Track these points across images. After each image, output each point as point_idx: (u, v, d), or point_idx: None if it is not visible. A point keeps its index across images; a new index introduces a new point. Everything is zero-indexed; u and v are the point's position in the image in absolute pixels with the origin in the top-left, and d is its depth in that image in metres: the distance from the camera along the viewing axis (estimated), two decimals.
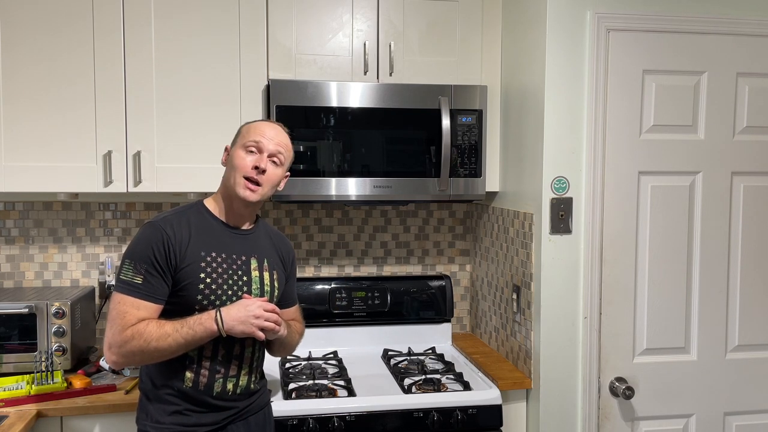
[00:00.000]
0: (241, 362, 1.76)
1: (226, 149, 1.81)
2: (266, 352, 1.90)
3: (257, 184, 1.72)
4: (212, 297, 1.69)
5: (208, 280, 1.69)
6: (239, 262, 1.75)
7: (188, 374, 1.69)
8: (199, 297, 1.68)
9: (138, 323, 1.61)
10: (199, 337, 1.63)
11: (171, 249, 1.65)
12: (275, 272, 1.84)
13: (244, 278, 1.75)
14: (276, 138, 1.76)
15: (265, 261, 1.81)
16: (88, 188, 2.25)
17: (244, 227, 1.81)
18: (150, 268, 1.63)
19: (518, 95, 2.37)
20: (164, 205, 2.64)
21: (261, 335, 1.67)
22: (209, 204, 1.79)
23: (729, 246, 2.27)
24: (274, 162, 1.75)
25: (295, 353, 2.44)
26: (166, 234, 1.66)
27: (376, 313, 2.68)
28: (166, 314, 1.67)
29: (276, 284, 1.83)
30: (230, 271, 1.73)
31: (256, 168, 1.71)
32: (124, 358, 1.63)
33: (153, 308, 1.65)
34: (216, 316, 1.63)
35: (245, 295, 1.73)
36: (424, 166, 2.40)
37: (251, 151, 1.73)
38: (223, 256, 1.73)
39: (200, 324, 1.62)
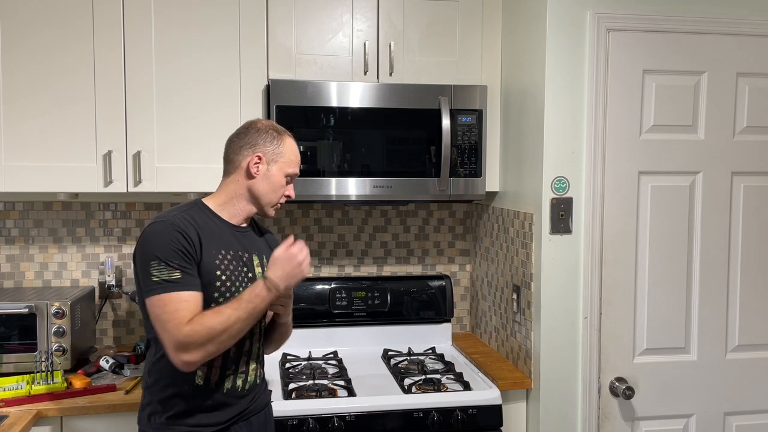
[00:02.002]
0: (249, 357, 1.77)
1: (260, 158, 1.74)
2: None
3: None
4: (228, 294, 1.69)
5: (224, 277, 1.69)
6: (244, 259, 1.76)
7: (200, 372, 1.68)
8: (216, 294, 1.67)
9: (193, 318, 1.57)
10: (260, 310, 1.64)
11: (190, 242, 1.64)
12: None
13: (249, 274, 1.76)
14: None
15: (264, 257, 1.82)
16: (88, 188, 2.26)
17: (242, 225, 1.81)
18: (181, 261, 1.61)
19: (518, 95, 2.37)
20: (164, 205, 2.64)
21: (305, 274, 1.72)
22: (209, 202, 1.78)
23: (729, 246, 2.27)
24: None
25: (295, 353, 2.47)
26: (181, 228, 1.64)
27: (376, 313, 2.68)
28: None
29: None
30: (240, 268, 1.74)
31: (287, 196, 1.82)
32: (198, 353, 1.58)
33: (199, 297, 1.62)
34: (267, 285, 1.64)
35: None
36: (424, 166, 2.40)
37: (289, 180, 1.81)
38: (232, 253, 1.73)
39: (257, 296, 1.63)
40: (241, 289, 1.71)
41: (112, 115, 2.25)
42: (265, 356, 1.91)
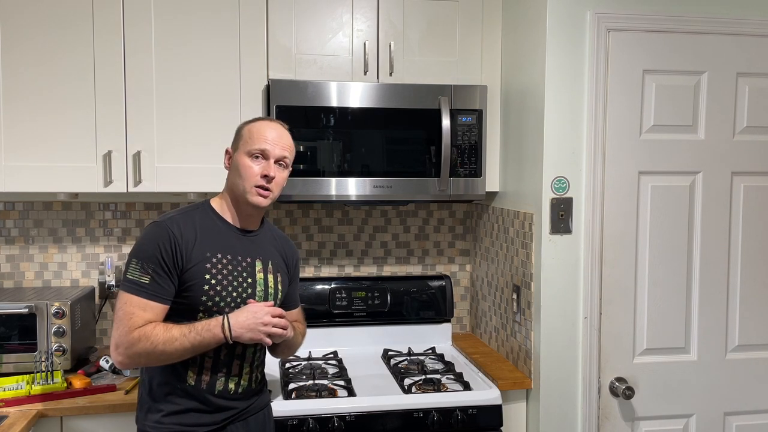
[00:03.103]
0: (243, 361, 1.76)
1: (227, 152, 1.79)
2: (269, 353, 1.90)
3: (267, 189, 1.73)
4: (217, 298, 1.69)
5: (213, 282, 1.68)
6: (244, 264, 1.75)
7: (191, 373, 1.69)
8: (204, 298, 1.67)
9: (145, 325, 1.60)
10: (206, 343, 1.63)
11: (177, 249, 1.65)
12: (279, 274, 1.83)
13: (249, 280, 1.75)
14: (280, 141, 1.74)
15: (270, 263, 1.81)
16: (88, 188, 2.25)
17: (250, 229, 1.81)
18: (157, 267, 1.63)
19: (518, 95, 2.37)
20: (164, 205, 2.64)
21: (269, 341, 1.69)
22: (215, 204, 1.78)
23: (729, 246, 2.27)
24: (280, 165, 1.75)
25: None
26: (173, 234, 1.65)
27: (376, 313, 2.68)
28: (170, 315, 1.66)
29: (280, 287, 1.83)
30: (235, 273, 1.73)
31: (266, 176, 1.71)
32: (130, 359, 1.63)
33: (160, 308, 1.64)
34: (224, 322, 1.63)
35: (250, 300, 1.73)
36: (424, 166, 2.40)
37: (256, 157, 1.71)
38: (229, 257, 1.72)
39: (208, 330, 1.62)
40: (234, 294, 1.71)
41: (112, 115, 2.25)
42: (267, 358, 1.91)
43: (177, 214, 1.73)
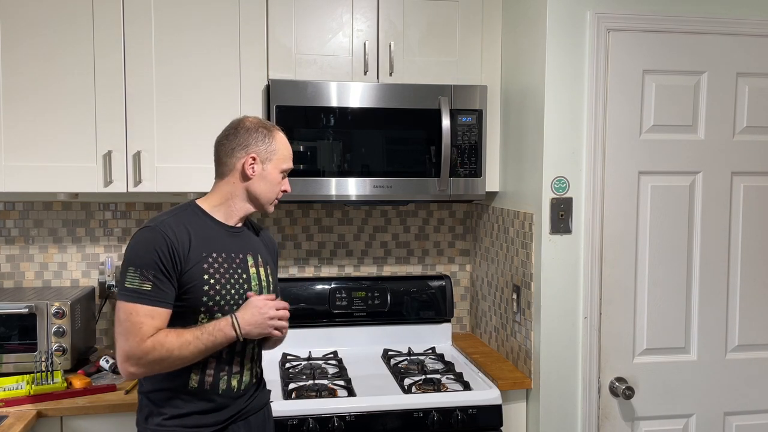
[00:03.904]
0: (243, 358, 1.77)
1: (254, 159, 1.74)
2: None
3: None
4: (217, 297, 1.69)
5: (212, 281, 1.68)
6: (238, 260, 1.76)
7: (194, 375, 1.69)
8: (204, 299, 1.67)
9: (157, 333, 1.59)
10: (219, 343, 1.64)
11: (175, 252, 1.63)
12: (268, 266, 1.85)
13: (244, 276, 1.76)
14: None
15: (259, 256, 1.83)
16: (88, 188, 2.26)
17: (239, 226, 1.81)
18: (158, 273, 1.61)
19: (518, 95, 2.37)
20: (164, 205, 2.64)
21: (278, 334, 1.72)
22: (203, 204, 1.77)
23: (729, 246, 2.27)
24: None
25: (295, 353, 2.47)
26: (169, 238, 1.64)
27: (376, 313, 2.68)
28: (171, 318, 1.65)
29: (270, 278, 1.85)
30: (231, 270, 1.73)
31: (284, 191, 1.83)
32: (144, 368, 1.61)
33: (165, 314, 1.63)
34: (233, 321, 1.65)
35: (249, 293, 1.73)
36: (424, 166, 2.40)
37: (284, 175, 1.81)
38: (224, 255, 1.73)
39: (219, 330, 1.64)
40: (232, 291, 1.71)
41: (112, 115, 2.25)
42: (264, 356, 1.90)
43: (167, 217, 1.71)
